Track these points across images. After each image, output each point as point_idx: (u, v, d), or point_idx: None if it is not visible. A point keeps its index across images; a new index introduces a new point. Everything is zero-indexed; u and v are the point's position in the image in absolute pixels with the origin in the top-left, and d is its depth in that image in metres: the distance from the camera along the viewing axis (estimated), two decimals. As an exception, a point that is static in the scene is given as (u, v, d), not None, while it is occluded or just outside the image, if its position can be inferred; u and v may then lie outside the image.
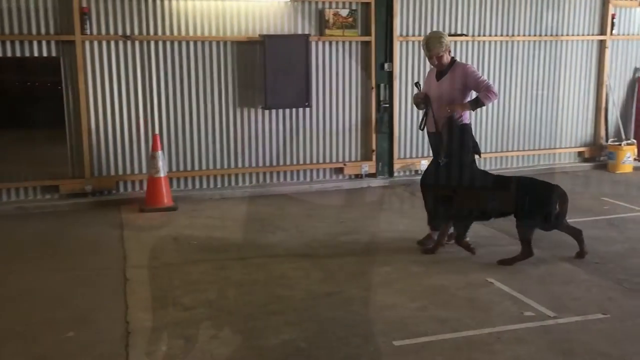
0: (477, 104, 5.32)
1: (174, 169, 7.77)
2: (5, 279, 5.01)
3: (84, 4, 7.14)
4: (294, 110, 8.13)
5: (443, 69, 5.40)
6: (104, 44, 7.32)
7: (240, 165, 8.04)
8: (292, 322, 4.14)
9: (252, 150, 8.06)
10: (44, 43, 7.08)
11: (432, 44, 5.34)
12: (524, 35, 8.96)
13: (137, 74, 7.50)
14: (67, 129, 7.30)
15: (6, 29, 6.97)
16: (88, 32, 7.18)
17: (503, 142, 9.12)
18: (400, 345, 3.80)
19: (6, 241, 6.03)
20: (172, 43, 7.57)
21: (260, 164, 8.10)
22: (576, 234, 5.33)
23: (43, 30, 7.08)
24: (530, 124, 9.22)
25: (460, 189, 5.28)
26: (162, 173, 7.16)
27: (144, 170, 7.61)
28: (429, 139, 5.67)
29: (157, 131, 7.57)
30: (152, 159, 7.18)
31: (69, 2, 7.07)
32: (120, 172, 7.60)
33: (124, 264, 5.33)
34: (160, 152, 7.18)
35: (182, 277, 4.99)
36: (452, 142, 5.23)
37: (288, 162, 8.23)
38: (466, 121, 5.40)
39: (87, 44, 7.24)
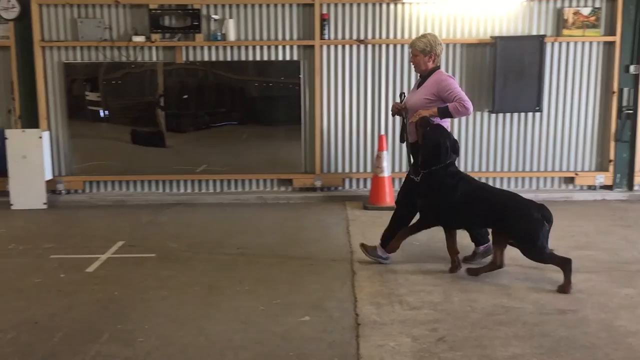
0: (445, 113, 4.81)
1: (396, 169, 7.94)
2: (250, 261, 5.58)
3: (324, 11, 7.63)
4: (522, 114, 7.81)
5: (421, 73, 5.06)
6: (339, 48, 7.74)
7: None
8: (522, 335, 3.98)
9: (476, 154, 7.92)
10: (287, 48, 7.73)
11: (415, 39, 5.05)
12: None
13: (367, 77, 7.81)
14: (302, 128, 7.88)
15: (256, 36, 7.74)
16: (326, 37, 7.66)
17: None
18: (649, 378, 3.45)
19: (251, 227, 6.71)
20: (402, 46, 7.75)
21: (484, 168, 7.92)
22: (564, 263, 4.72)
23: (288, 37, 7.73)
24: None
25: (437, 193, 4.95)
26: (387, 173, 7.37)
27: (369, 169, 7.91)
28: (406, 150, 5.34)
29: (382, 132, 7.82)
30: (377, 158, 7.43)
31: (312, 10, 7.61)
32: (347, 169, 7.99)
33: (350, 257, 5.60)
34: (385, 152, 7.39)
35: (406, 277, 5.08)
36: (428, 144, 4.84)
37: (513, 168, 7.93)
38: (443, 123, 4.94)
39: (324, 48, 7.73)
